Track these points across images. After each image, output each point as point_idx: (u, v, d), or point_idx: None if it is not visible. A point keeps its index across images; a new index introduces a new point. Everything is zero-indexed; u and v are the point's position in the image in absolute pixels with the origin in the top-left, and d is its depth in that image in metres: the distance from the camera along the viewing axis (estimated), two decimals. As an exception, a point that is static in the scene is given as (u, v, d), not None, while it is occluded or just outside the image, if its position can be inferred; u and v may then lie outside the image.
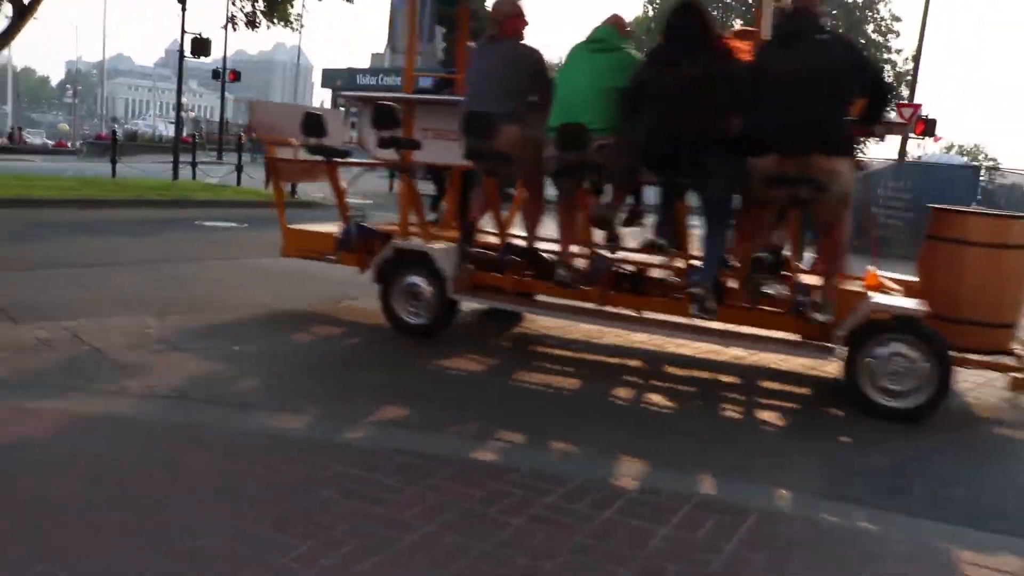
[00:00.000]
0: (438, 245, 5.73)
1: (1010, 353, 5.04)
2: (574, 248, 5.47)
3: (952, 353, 4.60)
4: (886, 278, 5.48)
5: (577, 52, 5.30)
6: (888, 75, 41.86)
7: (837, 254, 4.88)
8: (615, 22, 5.47)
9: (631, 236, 6.01)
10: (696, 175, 4.78)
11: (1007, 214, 5.53)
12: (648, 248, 5.71)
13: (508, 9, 5.53)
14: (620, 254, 5.57)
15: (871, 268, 5.52)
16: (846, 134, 4.65)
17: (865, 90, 4.61)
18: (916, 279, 5.38)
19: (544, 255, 5.79)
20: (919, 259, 5.35)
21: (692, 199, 5.24)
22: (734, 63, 4.79)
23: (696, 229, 5.63)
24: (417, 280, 5.67)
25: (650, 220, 5.84)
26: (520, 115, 5.33)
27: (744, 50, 4.95)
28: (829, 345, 4.74)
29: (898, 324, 4.61)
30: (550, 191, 5.67)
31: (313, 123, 5.84)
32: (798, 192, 4.52)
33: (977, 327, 4.89)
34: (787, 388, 5.40)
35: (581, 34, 5.33)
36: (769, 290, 5.03)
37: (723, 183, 4.77)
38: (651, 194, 5.93)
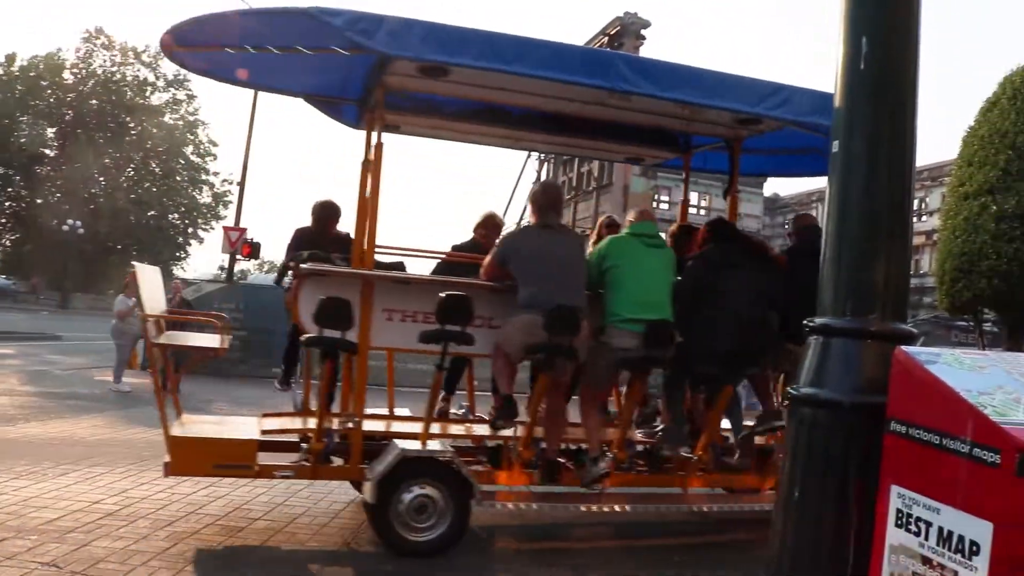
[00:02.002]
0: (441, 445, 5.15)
1: None
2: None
3: None
4: None
5: (633, 245, 5.45)
6: (208, 195, 50.53)
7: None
8: (652, 217, 5.82)
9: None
10: (749, 365, 5.68)
11: None
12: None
13: (561, 195, 5.60)
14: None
15: None
16: None
17: None
18: None
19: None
20: None
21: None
22: (779, 267, 5.80)
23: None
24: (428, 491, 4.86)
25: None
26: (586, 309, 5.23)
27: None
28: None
29: None
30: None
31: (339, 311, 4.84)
32: None
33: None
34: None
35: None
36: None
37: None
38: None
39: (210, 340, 5.85)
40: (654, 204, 37.39)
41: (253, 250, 23.91)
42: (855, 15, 2.76)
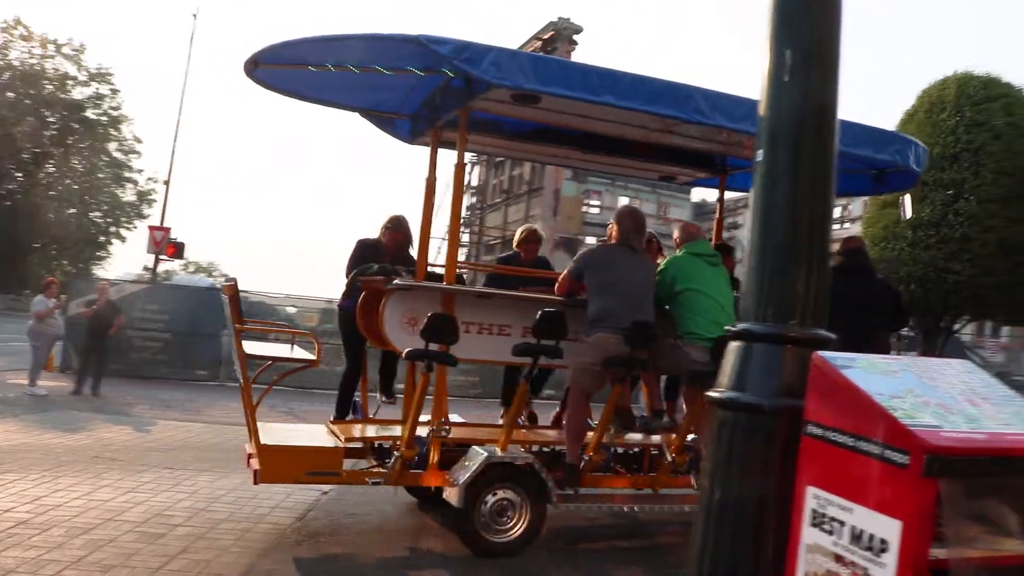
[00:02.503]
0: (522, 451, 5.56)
1: None
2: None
3: None
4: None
5: (697, 264, 5.75)
6: (132, 194, 49.28)
7: None
8: (702, 234, 6.24)
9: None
10: None
11: None
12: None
13: (645, 222, 5.93)
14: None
15: None
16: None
17: (895, 314, 6.52)
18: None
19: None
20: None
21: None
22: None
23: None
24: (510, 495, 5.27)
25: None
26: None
27: None
28: None
29: None
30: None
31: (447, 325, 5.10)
32: None
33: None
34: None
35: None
36: None
37: None
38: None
39: (304, 352, 5.97)
40: (584, 208, 37.77)
41: (178, 250, 23.48)
42: (780, 27, 2.83)
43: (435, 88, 5.70)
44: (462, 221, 39.82)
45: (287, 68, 5.52)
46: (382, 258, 6.33)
